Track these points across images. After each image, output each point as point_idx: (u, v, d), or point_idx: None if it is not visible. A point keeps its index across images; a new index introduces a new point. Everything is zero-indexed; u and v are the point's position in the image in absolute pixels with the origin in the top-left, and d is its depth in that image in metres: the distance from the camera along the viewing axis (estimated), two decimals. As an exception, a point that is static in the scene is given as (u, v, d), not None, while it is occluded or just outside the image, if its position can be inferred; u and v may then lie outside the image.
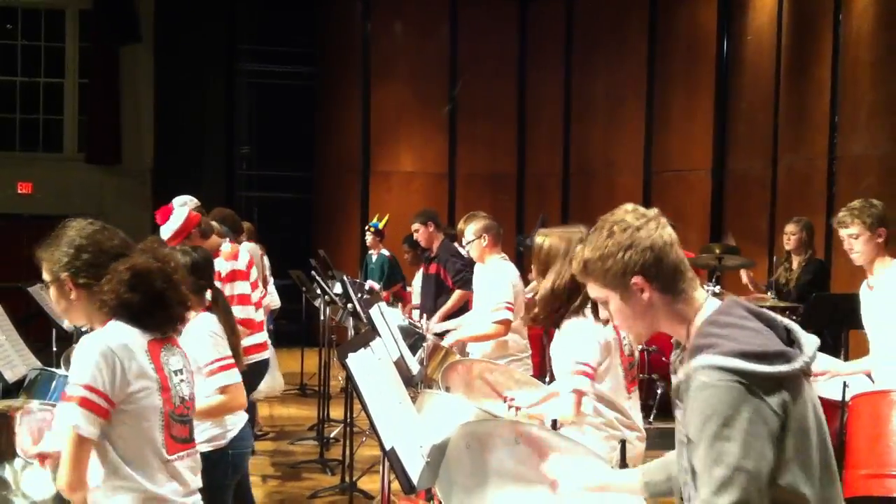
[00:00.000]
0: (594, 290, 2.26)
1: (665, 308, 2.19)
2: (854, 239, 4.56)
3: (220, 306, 3.94)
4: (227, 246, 5.75)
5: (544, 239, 3.84)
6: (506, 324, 5.43)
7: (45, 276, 2.72)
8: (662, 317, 2.20)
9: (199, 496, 2.75)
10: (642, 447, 3.79)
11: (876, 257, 4.58)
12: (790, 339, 2.09)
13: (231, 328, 3.91)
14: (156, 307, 2.66)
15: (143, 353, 2.60)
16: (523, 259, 11.13)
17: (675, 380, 2.15)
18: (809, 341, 2.08)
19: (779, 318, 2.12)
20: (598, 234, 2.21)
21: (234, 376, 3.77)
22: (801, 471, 2.00)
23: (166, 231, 5.42)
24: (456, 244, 8.22)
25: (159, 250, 2.87)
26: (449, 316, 7.13)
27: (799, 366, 2.02)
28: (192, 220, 5.49)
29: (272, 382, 7.83)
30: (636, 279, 2.16)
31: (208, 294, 3.92)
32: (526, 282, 6.16)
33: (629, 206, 2.24)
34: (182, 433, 2.71)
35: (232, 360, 3.79)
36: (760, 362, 1.98)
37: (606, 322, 2.30)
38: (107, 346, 2.53)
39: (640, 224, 2.19)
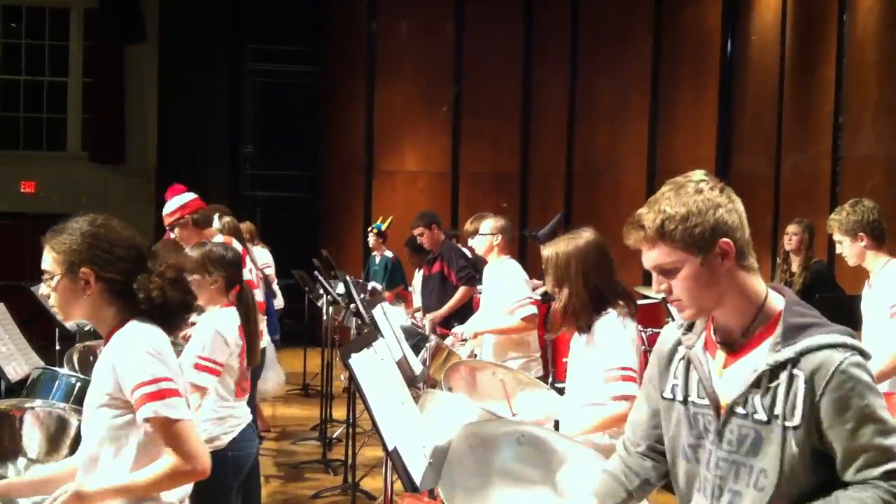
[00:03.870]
0: (663, 256, 2.05)
1: (737, 280, 2.05)
2: (840, 244, 4.73)
3: (245, 302, 4.08)
4: (219, 238, 5.87)
5: (554, 248, 3.67)
6: (532, 320, 5.41)
7: (55, 267, 2.57)
8: (731, 290, 2.05)
9: (187, 501, 2.71)
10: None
11: (864, 259, 4.69)
12: None
13: (251, 324, 4.05)
14: (184, 308, 2.66)
15: (171, 351, 2.58)
16: (527, 256, 11.12)
17: (764, 361, 2.01)
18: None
19: None
20: (681, 192, 2.04)
21: (208, 381, 3.86)
22: None
23: (167, 207, 5.62)
24: (459, 244, 8.22)
25: (176, 254, 2.89)
26: (453, 313, 7.11)
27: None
28: (191, 205, 5.63)
29: (276, 378, 7.87)
30: (724, 241, 2.01)
31: (233, 292, 4.07)
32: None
33: (703, 172, 2.11)
34: None
35: (217, 366, 3.89)
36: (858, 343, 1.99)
37: (662, 293, 2.11)
38: (150, 342, 2.51)
39: (723, 186, 2.08)
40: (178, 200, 5.68)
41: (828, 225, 4.79)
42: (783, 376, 1.97)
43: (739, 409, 2.05)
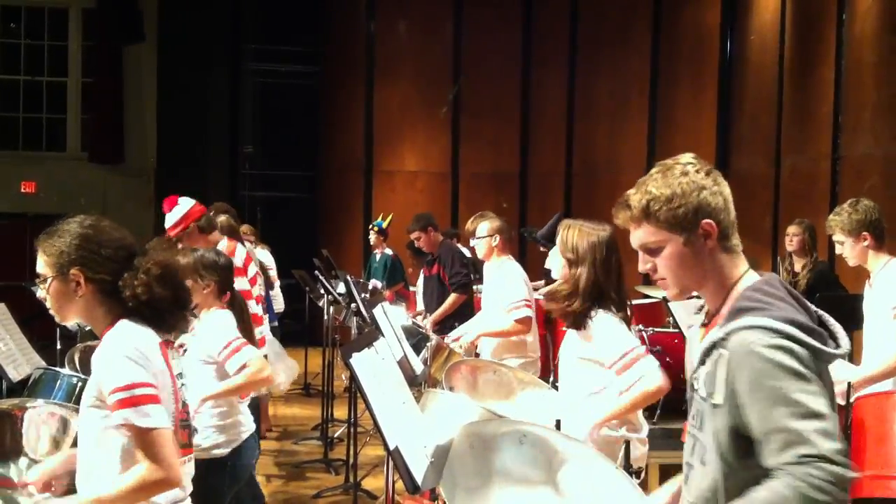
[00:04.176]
0: (648, 235, 2.11)
1: (717, 262, 2.10)
2: (840, 244, 4.70)
3: (237, 306, 4.15)
4: (223, 244, 5.84)
5: (571, 229, 3.81)
6: (527, 322, 5.41)
7: (46, 270, 2.58)
8: (712, 272, 2.10)
9: (189, 501, 2.72)
10: (645, 449, 3.80)
11: (866, 259, 4.67)
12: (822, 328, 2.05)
13: (245, 327, 4.10)
14: (176, 305, 2.64)
15: (158, 353, 2.57)
16: (526, 257, 11.13)
17: (705, 338, 2.06)
18: (844, 334, 2.04)
19: (812, 306, 2.07)
20: (668, 174, 2.10)
21: (251, 352, 3.89)
22: None
23: (168, 220, 5.58)
24: (459, 244, 8.22)
25: (167, 252, 2.89)
26: (445, 318, 7.09)
27: (842, 352, 1.99)
28: (193, 213, 5.60)
29: (288, 371, 7.86)
30: (707, 222, 2.07)
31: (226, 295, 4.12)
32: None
33: (691, 155, 2.16)
34: (183, 438, 2.68)
35: (244, 340, 3.94)
36: (810, 335, 1.94)
37: (647, 274, 2.15)
38: (132, 346, 2.50)
39: (710, 170, 2.12)
40: (178, 211, 5.59)
41: (827, 226, 4.75)
42: (714, 355, 2.01)
43: (695, 384, 2.11)
